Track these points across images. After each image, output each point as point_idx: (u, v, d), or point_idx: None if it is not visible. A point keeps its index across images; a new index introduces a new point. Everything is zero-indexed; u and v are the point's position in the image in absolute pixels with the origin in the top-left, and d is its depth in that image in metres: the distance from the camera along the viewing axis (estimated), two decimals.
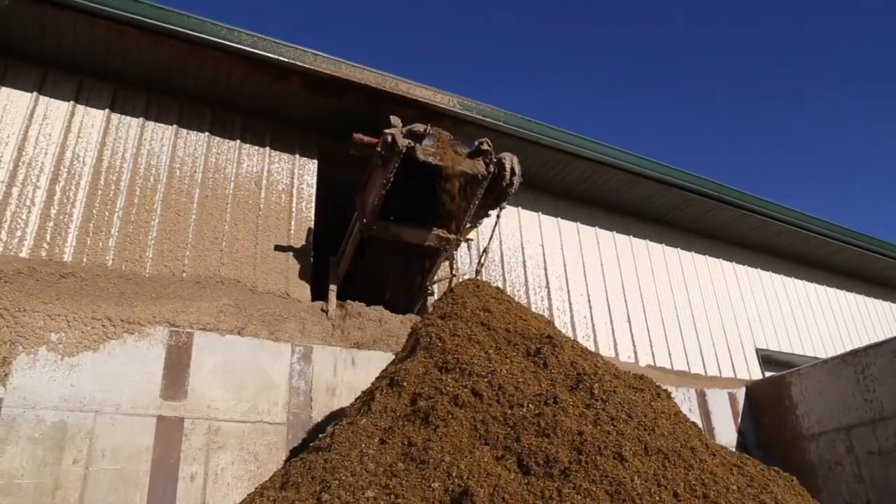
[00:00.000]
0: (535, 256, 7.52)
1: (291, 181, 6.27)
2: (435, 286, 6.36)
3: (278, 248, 5.81)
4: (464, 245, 6.68)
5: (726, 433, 7.48)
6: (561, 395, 3.21)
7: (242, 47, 5.50)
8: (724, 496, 2.88)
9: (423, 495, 2.72)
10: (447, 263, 6.28)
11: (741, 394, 8.01)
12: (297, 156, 6.42)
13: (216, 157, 5.98)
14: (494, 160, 5.28)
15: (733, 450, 3.80)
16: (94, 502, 4.15)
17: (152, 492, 4.35)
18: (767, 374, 8.69)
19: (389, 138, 4.91)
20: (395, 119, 5.09)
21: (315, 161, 6.50)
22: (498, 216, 5.64)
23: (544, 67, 46.26)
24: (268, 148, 6.28)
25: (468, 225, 5.64)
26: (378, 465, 2.97)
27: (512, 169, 5.31)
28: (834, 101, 45.17)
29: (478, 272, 5.67)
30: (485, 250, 5.80)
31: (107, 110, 5.66)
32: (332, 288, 5.76)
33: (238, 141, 6.15)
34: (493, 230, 6.01)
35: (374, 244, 5.57)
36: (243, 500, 3.78)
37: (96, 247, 5.12)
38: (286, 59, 5.66)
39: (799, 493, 3.53)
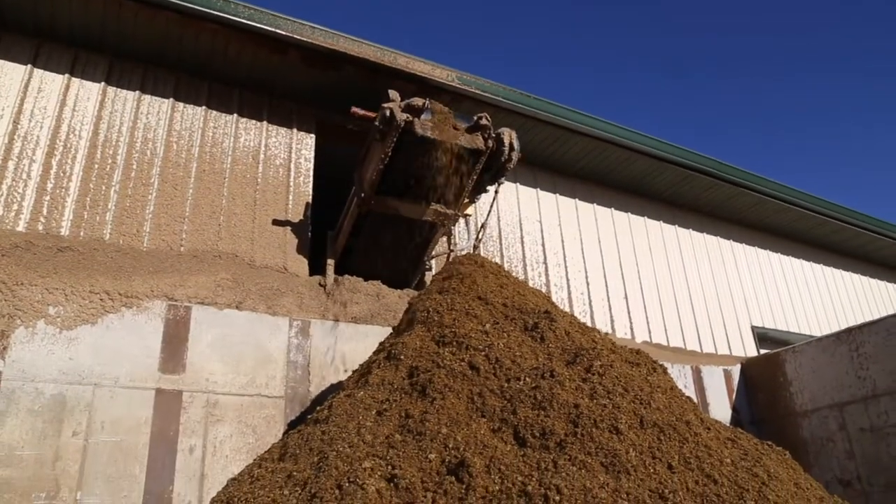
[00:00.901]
0: (533, 233, 7.52)
1: (289, 155, 6.23)
2: (433, 261, 6.36)
3: (276, 222, 5.80)
4: (462, 221, 6.67)
5: (721, 409, 7.55)
6: (558, 368, 3.23)
7: (239, 20, 5.44)
8: (718, 469, 2.92)
9: (420, 466, 2.75)
10: (445, 239, 6.27)
11: (736, 371, 8.07)
12: (295, 130, 6.37)
13: (213, 130, 5.94)
14: (493, 135, 5.25)
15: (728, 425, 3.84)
16: (95, 474, 4.19)
17: (151, 463, 4.39)
18: (763, 351, 8.74)
19: (388, 112, 4.87)
20: (393, 93, 5.05)
21: (313, 135, 6.46)
22: (496, 192, 5.62)
23: (544, 43, 45.86)
24: (265, 122, 6.24)
25: (466, 200, 5.62)
26: (375, 436, 3.00)
27: (510, 144, 5.28)
28: (835, 81, 44.91)
29: (475, 247, 5.68)
30: (482, 226, 5.79)
31: (103, 83, 5.60)
32: (330, 262, 5.76)
33: (235, 115, 6.11)
34: (491, 206, 6.00)
35: (372, 219, 5.55)
36: (242, 472, 3.82)
37: (93, 221, 5.10)
38: (284, 32, 5.59)
39: (791, 466, 3.57)
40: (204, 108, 5.97)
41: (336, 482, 2.72)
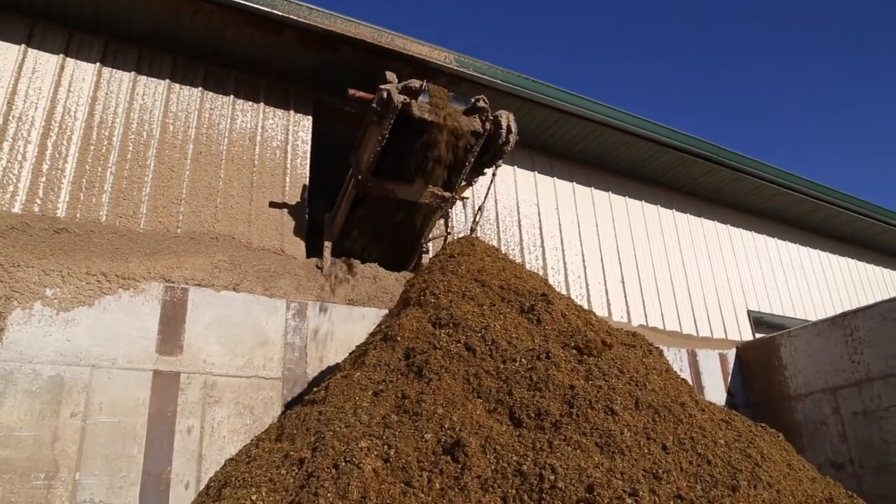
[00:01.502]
0: (531, 216, 7.51)
1: (286, 137, 6.21)
2: (430, 244, 6.36)
3: (273, 204, 5.78)
4: (459, 203, 6.66)
5: (716, 393, 7.60)
6: (553, 350, 3.24)
7: (236, 0, 5.38)
8: (712, 449, 2.94)
9: (416, 446, 2.77)
10: (442, 221, 6.27)
11: (731, 354, 8.12)
12: (292, 112, 6.34)
13: (210, 112, 5.91)
14: (491, 118, 5.23)
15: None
16: (93, 454, 4.21)
17: (150, 444, 4.42)
18: (758, 336, 8.79)
19: (385, 94, 4.85)
20: (390, 75, 5.02)
21: (310, 117, 6.42)
22: (493, 174, 5.61)
23: (543, 26, 45.55)
24: (262, 104, 6.20)
25: (463, 183, 5.61)
26: (372, 416, 3.02)
27: (508, 127, 5.26)
28: (836, 67, 44.72)
29: (473, 230, 5.68)
30: (480, 208, 5.78)
31: (98, 64, 5.55)
32: (327, 245, 5.76)
33: (232, 96, 6.07)
34: (489, 188, 5.99)
35: (369, 201, 5.55)
36: (239, 452, 3.85)
37: (90, 202, 5.08)
38: (280, 13, 5.54)
39: (784, 448, 3.61)
40: (200, 89, 5.93)
41: (333, 461, 2.74)
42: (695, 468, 2.75)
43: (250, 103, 6.15)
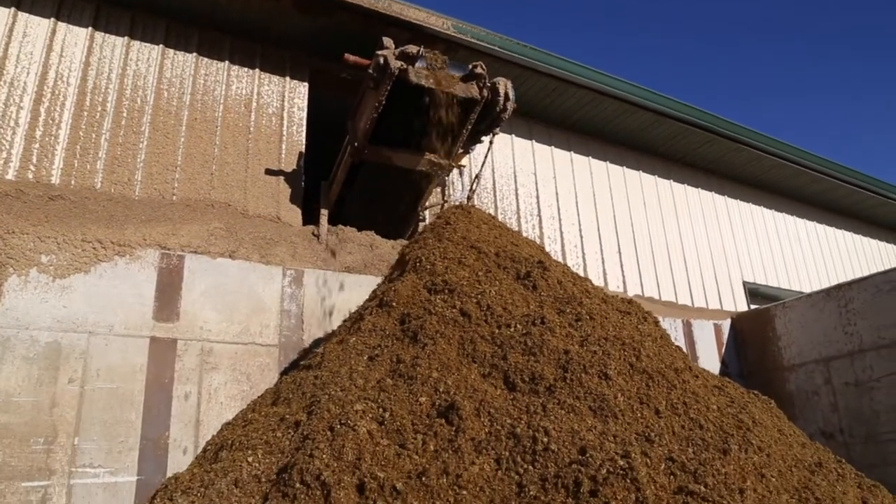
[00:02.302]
0: (528, 185, 7.49)
1: (282, 104, 6.15)
2: (427, 212, 6.35)
3: (269, 171, 5.75)
4: (456, 172, 6.63)
5: (710, 363, 7.66)
6: (549, 315, 3.25)
7: None
8: (705, 414, 2.97)
9: (411, 409, 2.79)
10: (439, 190, 6.24)
11: (726, 325, 8.16)
12: (288, 78, 6.27)
13: (205, 78, 5.84)
14: (488, 85, 5.18)
15: None
16: (91, 419, 4.24)
17: (147, 410, 4.45)
18: (754, 307, 8.83)
19: (381, 60, 4.79)
20: (387, 40, 4.95)
21: (306, 84, 6.36)
22: (491, 142, 5.57)
23: None
24: (257, 70, 6.13)
25: (460, 151, 5.58)
26: (367, 380, 3.04)
27: (506, 94, 5.22)
28: (834, 40, 44.28)
29: (469, 198, 5.67)
30: (477, 177, 5.76)
31: (90, 28, 5.47)
32: (324, 212, 5.74)
33: (227, 62, 6.00)
34: (486, 157, 5.96)
35: (366, 169, 5.52)
36: (236, 416, 3.87)
37: (84, 169, 5.05)
38: None
39: (776, 414, 3.65)
40: (195, 55, 5.85)
41: (328, 424, 2.76)
42: (687, 432, 2.77)
43: (246, 69, 6.08)
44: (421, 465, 2.54)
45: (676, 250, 8.55)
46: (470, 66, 5.17)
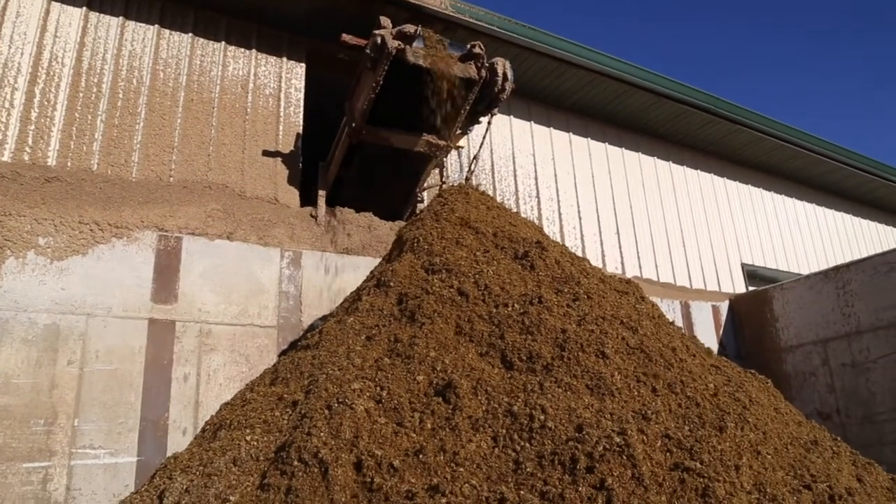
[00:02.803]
0: (526, 166, 7.47)
1: (279, 85, 6.11)
2: (425, 193, 6.33)
3: (266, 153, 5.73)
4: (454, 153, 6.60)
5: (708, 344, 7.56)
6: (546, 295, 3.25)
7: None
8: (701, 393, 2.98)
9: (408, 387, 2.80)
10: (437, 171, 6.22)
11: (724, 307, 8.18)
12: (285, 59, 6.22)
13: (201, 59, 5.79)
14: (486, 65, 5.14)
15: None
16: (91, 401, 4.25)
17: (147, 391, 4.46)
18: (752, 289, 8.85)
19: (379, 39, 4.75)
20: (384, 20, 4.90)
21: (303, 65, 6.31)
22: (489, 123, 5.54)
23: None
24: (254, 50, 6.08)
25: (458, 131, 5.55)
26: (364, 360, 3.04)
27: (504, 74, 5.18)
28: (836, 20, 43.98)
29: (468, 179, 5.64)
30: (475, 157, 5.73)
31: (84, 8, 5.41)
32: (321, 194, 5.73)
33: (223, 43, 5.94)
34: (484, 138, 5.93)
35: (364, 150, 5.49)
36: (234, 396, 3.88)
37: (80, 151, 5.02)
38: None
39: (772, 393, 3.66)
40: (190, 35, 5.80)
41: (326, 403, 2.77)
42: (683, 410, 2.78)
43: (242, 50, 6.03)
44: (418, 442, 2.55)
45: (675, 232, 8.54)
46: (468, 46, 5.13)
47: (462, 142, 5.92)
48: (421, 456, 2.49)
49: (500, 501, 2.20)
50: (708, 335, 7.77)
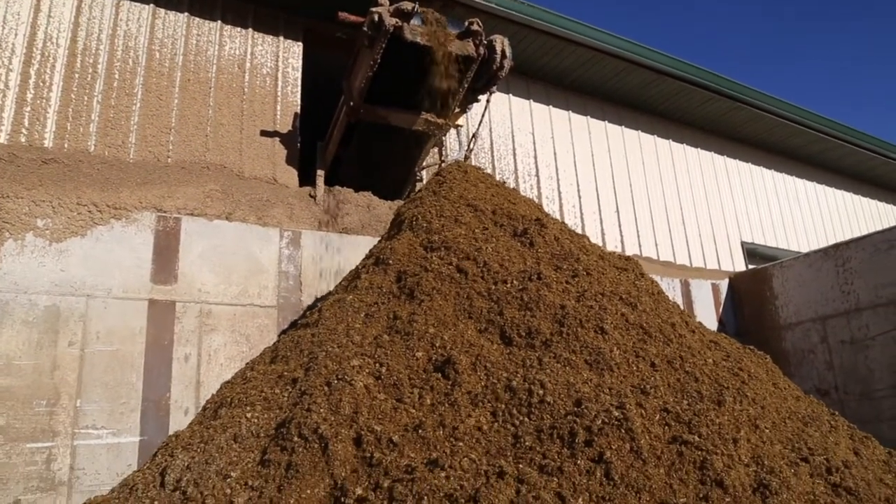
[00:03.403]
0: (525, 145, 7.44)
1: (276, 64, 6.06)
2: (423, 172, 6.31)
3: (264, 133, 5.70)
4: (453, 131, 6.57)
5: (708, 322, 7.69)
6: (545, 271, 3.25)
7: None
8: (700, 368, 2.99)
9: (407, 364, 2.81)
10: (436, 150, 6.19)
11: (724, 285, 8.19)
12: (282, 38, 6.17)
13: (197, 38, 5.74)
14: (485, 42, 5.09)
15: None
16: (93, 382, 4.27)
17: (148, 372, 4.48)
18: (751, 267, 8.85)
19: (376, 17, 4.70)
20: None
21: (300, 43, 6.25)
22: (488, 101, 5.50)
23: None
24: (251, 29, 6.03)
25: (457, 110, 5.51)
26: (364, 337, 3.05)
27: (503, 52, 5.13)
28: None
29: (466, 158, 5.62)
30: (474, 136, 5.70)
31: None
32: (320, 173, 5.70)
33: (219, 22, 5.89)
34: (483, 116, 5.89)
35: (362, 129, 5.46)
36: (235, 375, 3.90)
37: (77, 132, 5.00)
38: None
39: (770, 369, 3.68)
40: (186, 14, 5.75)
41: (325, 380, 2.78)
42: (682, 384, 2.80)
43: (238, 29, 5.97)
44: (417, 418, 2.56)
45: (675, 210, 8.53)
46: (466, 23, 5.08)
47: (461, 120, 5.87)
48: (420, 431, 2.50)
49: (498, 475, 2.21)
50: (707, 313, 7.78)
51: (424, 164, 6.19)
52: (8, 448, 3.90)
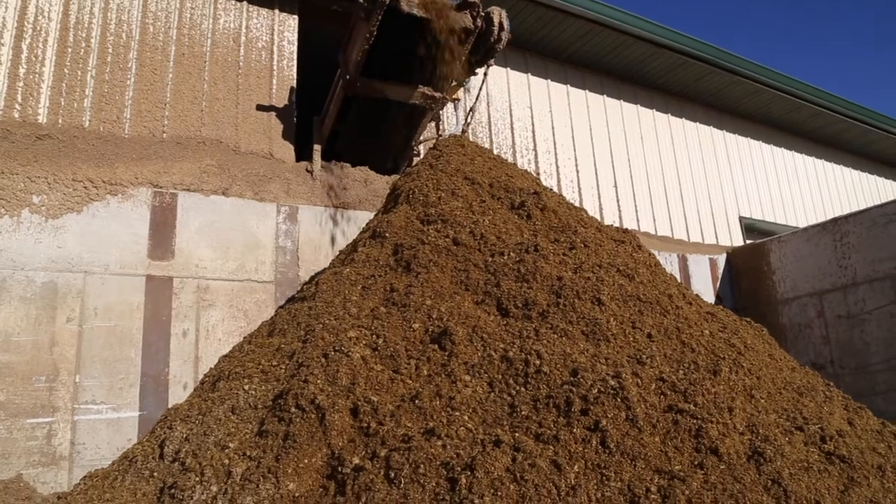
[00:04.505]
0: (523, 119, 7.39)
1: (272, 38, 5.99)
2: (421, 146, 6.27)
3: (260, 107, 5.65)
4: (450, 105, 6.52)
5: (705, 296, 7.64)
6: (542, 243, 3.25)
7: None
8: (696, 338, 3.00)
9: (404, 335, 2.82)
10: (433, 124, 6.15)
11: (722, 259, 8.20)
12: (277, 11, 6.10)
13: (191, 11, 5.67)
14: (482, 14, 5.03)
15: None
16: (91, 357, 4.29)
17: (146, 347, 4.49)
18: (749, 241, 8.85)
19: None
20: None
21: (296, 16, 6.18)
22: (485, 74, 5.45)
23: None
24: (245, 3, 5.95)
25: (454, 83, 5.46)
26: (361, 309, 3.05)
27: (500, 24, 5.07)
28: None
29: (464, 131, 5.58)
30: (471, 110, 5.66)
31: None
32: (317, 148, 5.67)
33: None
34: (480, 90, 5.84)
35: (359, 103, 5.42)
36: (233, 348, 3.91)
37: (71, 108, 4.95)
38: None
39: (767, 340, 3.69)
40: None
41: (322, 351, 2.79)
42: (678, 355, 2.81)
43: (233, 2, 5.90)
44: (414, 388, 2.58)
45: (673, 185, 8.50)
46: None
47: (458, 94, 5.83)
48: (417, 401, 2.51)
49: (495, 443, 2.22)
50: (705, 288, 7.80)
51: (422, 138, 6.15)
52: (9, 423, 3.92)
